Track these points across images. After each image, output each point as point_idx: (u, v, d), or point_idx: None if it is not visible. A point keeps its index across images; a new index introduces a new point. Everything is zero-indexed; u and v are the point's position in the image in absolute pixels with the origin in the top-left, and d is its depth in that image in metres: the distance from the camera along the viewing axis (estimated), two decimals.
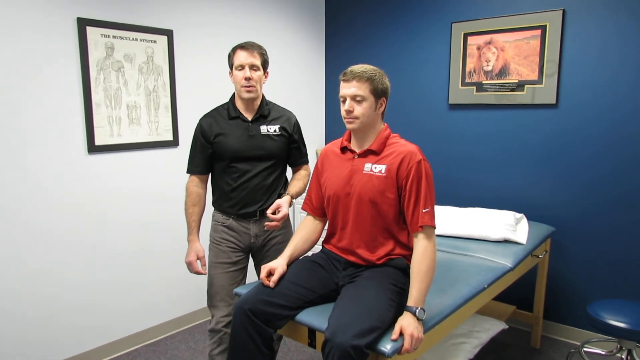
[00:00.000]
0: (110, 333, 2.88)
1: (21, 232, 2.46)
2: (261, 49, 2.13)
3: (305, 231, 1.98)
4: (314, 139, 4.12)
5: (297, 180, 2.27)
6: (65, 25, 2.52)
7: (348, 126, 1.80)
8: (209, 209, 2.29)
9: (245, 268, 2.27)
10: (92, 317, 2.78)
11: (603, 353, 2.62)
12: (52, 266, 2.58)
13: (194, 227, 2.22)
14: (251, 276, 2.34)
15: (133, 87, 2.83)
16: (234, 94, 2.20)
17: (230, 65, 2.13)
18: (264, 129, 2.17)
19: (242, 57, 2.07)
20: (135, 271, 2.97)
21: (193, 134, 2.20)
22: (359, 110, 1.74)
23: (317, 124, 4.15)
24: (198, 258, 2.21)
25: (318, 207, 1.98)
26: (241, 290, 1.93)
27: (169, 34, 2.96)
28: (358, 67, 1.75)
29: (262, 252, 2.27)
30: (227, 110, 2.18)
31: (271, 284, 1.75)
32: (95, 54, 2.63)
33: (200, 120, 2.20)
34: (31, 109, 2.44)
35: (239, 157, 2.13)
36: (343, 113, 1.77)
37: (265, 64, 2.14)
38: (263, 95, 2.21)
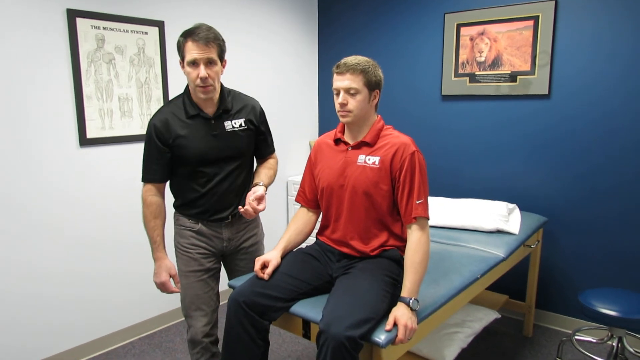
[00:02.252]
0: (104, 326, 2.88)
1: (14, 226, 2.44)
2: (217, 38, 1.80)
3: (298, 223, 1.98)
4: (308, 131, 4.11)
5: (267, 168, 2.08)
6: (55, 17, 2.48)
7: (342, 120, 1.79)
8: (170, 212, 2.09)
9: (218, 272, 2.09)
10: (86, 310, 2.78)
11: (594, 341, 2.65)
12: (45, 259, 2.57)
13: (159, 242, 1.98)
14: (222, 283, 2.12)
15: (124, 80, 2.80)
16: (187, 87, 1.91)
17: (182, 57, 1.81)
18: (228, 124, 1.92)
19: (194, 52, 1.75)
20: (129, 264, 2.96)
21: (145, 136, 1.92)
22: (352, 103, 1.74)
23: (311, 116, 4.14)
24: (171, 276, 1.99)
25: (312, 199, 1.98)
26: (235, 282, 1.93)
27: (160, 25, 2.93)
28: (351, 59, 1.74)
29: (235, 257, 2.12)
30: (184, 108, 1.89)
31: (265, 276, 1.76)
32: (85, 46, 2.60)
33: (151, 120, 1.89)
34: (22, 102, 2.41)
35: (205, 161, 1.90)
36: (337, 106, 1.77)
37: (222, 54, 1.83)
38: (222, 86, 1.94)
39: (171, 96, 3.03)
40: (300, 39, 3.94)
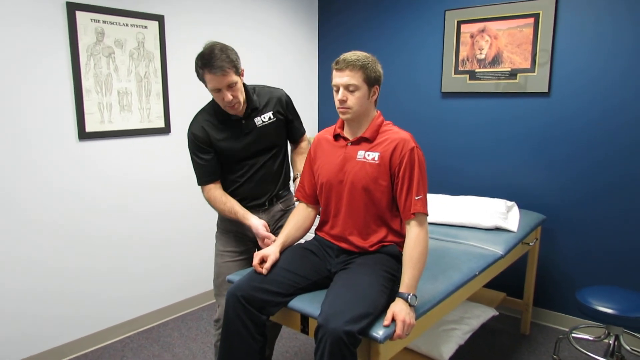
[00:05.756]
0: (102, 320, 2.88)
1: (11, 220, 2.44)
2: (229, 60, 1.87)
3: (298, 218, 1.98)
4: (307, 127, 4.08)
5: (301, 154, 2.26)
6: (54, 10, 2.47)
7: (342, 116, 1.79)
8: None
9: (252, 258, 2.17)
10: (84, 305, 2.78)
11: (591, 339, 2.66)
12: (44, 254, 2.57)
13: (244, 212, 2.06)
14: None
15: (124, 74, 2.79)
16: None
17: (204, 83, 1.92)
18: (258, 120, 2.08)
19: (214, 81, 1.87)
20: (127, 259, 2.96)
21: (189, 146, 2.06)
22: (352, 100, 1.73)
23: (310, 111, 4.13)
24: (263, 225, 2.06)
25: (311, 195, 1.98)
26: (234, 277, 1.93)
27: (160, 19, 2.92)
28: (350, 55, 1.73)
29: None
30: (215, 114, 2.05)
31: (264, 271, 1.76)
32: (85, 40, 2.59)
33: (190, 130, 2.05)
34: (21, 95, 2.40)
35: (242, 157, 2.08)
36: (336, 103, 1.76)
37: (238, 70, 1.93)
38: (246, 86, 2.05)
39: (170, 90, 3.04)
40: (300, 35, 3.93)
